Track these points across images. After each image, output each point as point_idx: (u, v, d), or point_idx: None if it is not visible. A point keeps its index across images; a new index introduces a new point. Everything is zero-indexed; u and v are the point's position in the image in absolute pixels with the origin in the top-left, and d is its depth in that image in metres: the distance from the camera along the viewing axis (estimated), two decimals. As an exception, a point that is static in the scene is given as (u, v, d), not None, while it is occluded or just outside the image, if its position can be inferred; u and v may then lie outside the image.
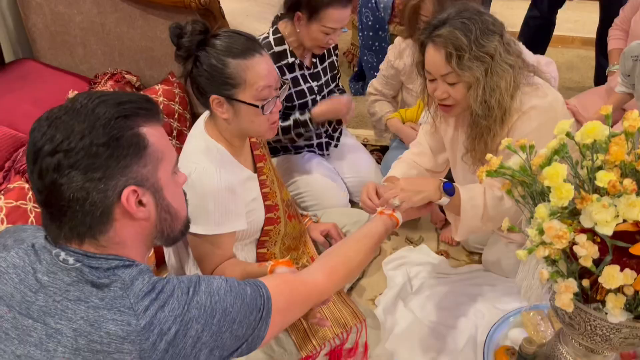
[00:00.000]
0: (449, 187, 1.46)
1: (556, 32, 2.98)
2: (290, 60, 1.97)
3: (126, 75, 2.22)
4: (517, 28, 3.03)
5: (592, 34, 3.48)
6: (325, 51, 2.11)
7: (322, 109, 2.00)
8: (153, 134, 0.87)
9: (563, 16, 2.91)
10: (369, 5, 3.02)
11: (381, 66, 2.36)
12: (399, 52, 2.26)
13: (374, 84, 2.40)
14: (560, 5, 2.82)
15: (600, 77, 2.71)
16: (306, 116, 1.98)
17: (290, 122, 1.99)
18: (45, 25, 2.28)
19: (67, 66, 2.35)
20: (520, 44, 1.78)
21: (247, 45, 1.31)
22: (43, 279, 0.82)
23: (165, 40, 2.15)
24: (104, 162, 0.80)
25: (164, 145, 0.89)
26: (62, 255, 0.83)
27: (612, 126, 1.11)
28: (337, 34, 1.90)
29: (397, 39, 2.30)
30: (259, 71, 1.30)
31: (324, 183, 2.11)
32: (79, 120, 0.81)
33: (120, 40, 2.25)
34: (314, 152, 2.20)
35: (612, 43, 2.28)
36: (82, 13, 2.22)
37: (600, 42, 2.68)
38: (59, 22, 2.26)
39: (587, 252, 1.02)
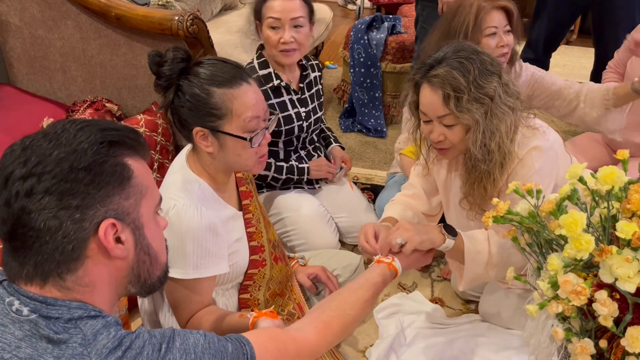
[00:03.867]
0: (449, 228, 1.39)
1: (547, 75, 2.98)
2: (276, 82, 1.94)
3: (107, 104, 2.12)
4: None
5: (581, 78, 3.49)
6: (312, 79, 2.07)
7: (314, 167, 2.06)
8: (138, 167, 0.79)
9: (552, 61, 2.95)
10: (361, 42, 2.99)
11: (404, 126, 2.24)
12: None
13: (401, 138, 2.26)
14: (555, 49, 2.83)
15: (594, 121, 2.68)
16: (305, 173, 2.04)
17: (286, 165, 2.01)
18: (24, 49, 2.18)
19: (45, 92, 2.24)
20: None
21: (233, 73, 1.23)
22: None
23: (149, 69, 2.07)
24: (83, 189, 0.72)
25: (148, 181, 0.81)
26: (16, 304, 0.72)
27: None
28: (287, 32, 1.86)
29: None
30: (246, 101, 1.22)
31: (312, 221, 2.00)
32: (58, 143, 0.73)
33: (103, 68, 2.16)
34: (302, 187, 2.10)
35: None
36: (63, 38, 2.13)
37: (595, 84, 2.67)
38: (39, 46, 2.17)
39: (607, 310, 0.93)
